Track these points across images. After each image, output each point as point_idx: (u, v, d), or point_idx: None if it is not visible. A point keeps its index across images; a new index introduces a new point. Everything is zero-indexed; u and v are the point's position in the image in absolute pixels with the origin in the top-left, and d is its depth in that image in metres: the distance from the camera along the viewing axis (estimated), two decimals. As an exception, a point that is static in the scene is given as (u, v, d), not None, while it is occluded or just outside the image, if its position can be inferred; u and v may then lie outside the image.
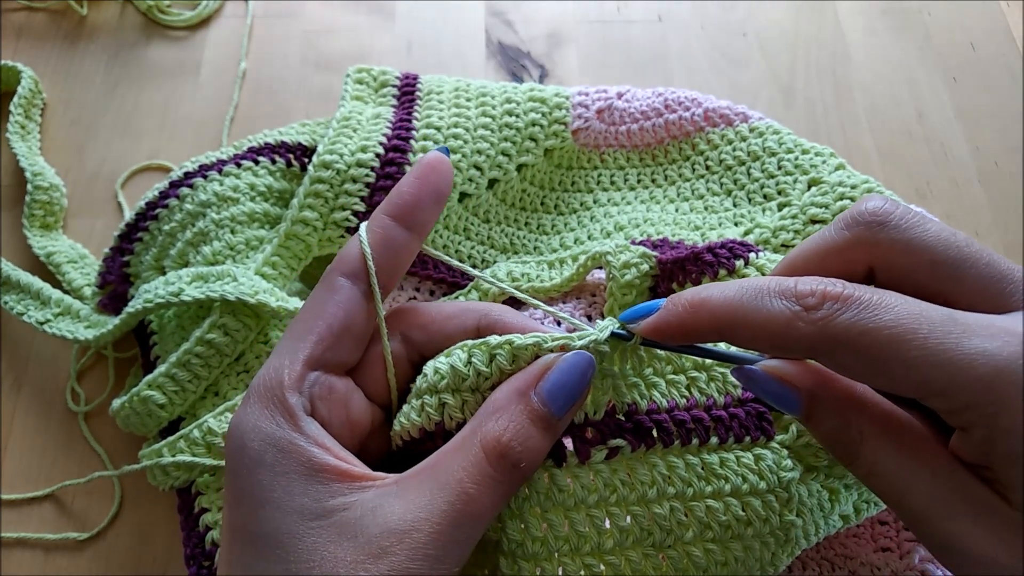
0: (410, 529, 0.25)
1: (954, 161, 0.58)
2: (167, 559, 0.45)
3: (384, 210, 0.32)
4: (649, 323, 0.28)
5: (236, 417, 0.29)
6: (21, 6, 0.65)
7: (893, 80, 0.61)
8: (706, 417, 0.31)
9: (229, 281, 0.43)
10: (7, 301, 0.49)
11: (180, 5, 0.65)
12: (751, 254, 0.41)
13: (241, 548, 0.27)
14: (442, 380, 0.30)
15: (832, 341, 0.24)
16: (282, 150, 0.50)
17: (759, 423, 0.31)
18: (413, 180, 0.32)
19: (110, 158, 0.59)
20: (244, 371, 0.44)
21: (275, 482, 0.27)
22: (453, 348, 0.31)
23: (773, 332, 0.25)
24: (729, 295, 0.26)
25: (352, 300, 0.30)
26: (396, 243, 0.31)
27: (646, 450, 0.30)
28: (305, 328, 0.30)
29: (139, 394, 0.43)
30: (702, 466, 0.30)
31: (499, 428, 0.27)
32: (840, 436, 0.26)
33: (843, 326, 0.24)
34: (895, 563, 0.37)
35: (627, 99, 0.54)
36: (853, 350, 0.24)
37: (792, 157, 0.49)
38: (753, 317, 0.26)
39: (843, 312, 0.24)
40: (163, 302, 0.43)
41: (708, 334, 0.27)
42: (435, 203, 0.32)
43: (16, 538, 0.45)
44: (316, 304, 0.30)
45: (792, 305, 0.25)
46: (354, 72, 0.54)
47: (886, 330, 0.23)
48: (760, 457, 0.31)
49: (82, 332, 0.47)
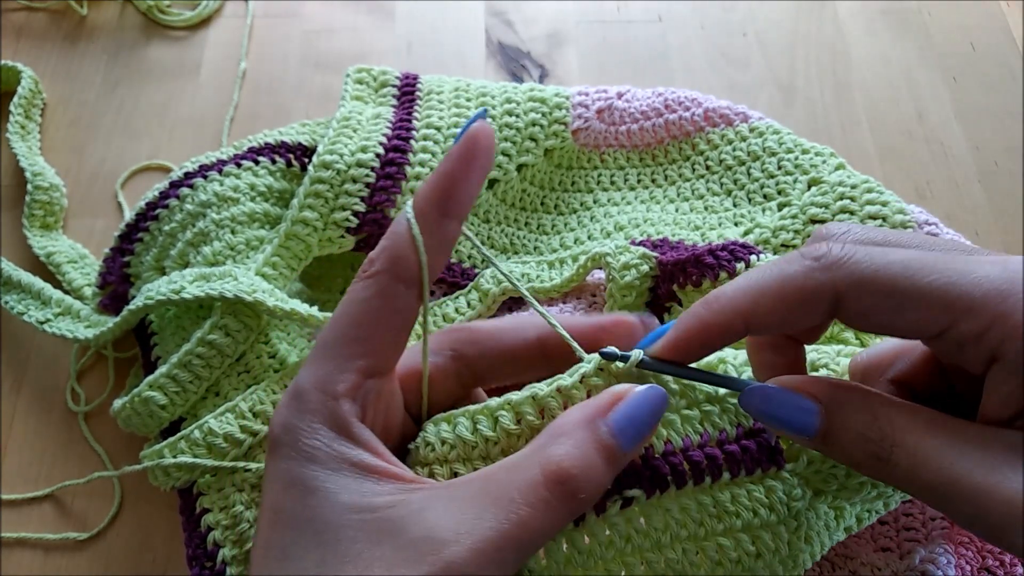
0: (451, 540, 0.24)
1: (954, 161, 0.58)
2: (167, 559, 0.45)
3: (429, 201, 0.29)
4: (669, 337, 0.28)
5: (289, 413, 0.28)
6: (21, 6, 0.65)
7: (893, 80, 0.61)
8: (719, 454, 0.30)
9: (229, 280, 0.43)
10: (7, 301, 0.49)
11: (180, 5, 0.65)
12: (752, 256, 0.40)
13: (282, 531, 0.27)
14: (452, 450, 0.29)
15: (850, 281, 0.24)
16: (282, 150, 0.50)
17: (771, 454, 0.30)
18: (459, 163, 0.29)
19: (110, 158, 0.59)
20: (245, 371, 0.44)
21: (327, 476, 0.26)
22: (455, 414, 0.30)
23: (792, 291, 0.25)
24: (739, 281, 0.26)
25: (409, 309, 0.29)
26: (443, 237, 0.29)
27: (660, 495, 0.29)
28: (363, 334, 0.29)
29: (140, 395, 0.43)
30: (714, 504, 0.29)
31: (562, 452, 0.26)
32: (870, 434, 0.25)
33: (858, 266, 0.25)
34: (895, 563, 0.37)
35: (627, 99, 0.54)
36: (871, 287, 0.24)
37: (792, 157, 0.49)
38: (769, 287, 0.26)
39: (854, 254, 0.25)
40: (164, 299, 0.43)
41: (732, 327, 0.26)
42: (479, 181, 0.30)
43: (16, 538, 0.45)
44: (373, 308, 0.29)
45: (803, 262, 0.25)
46: (354, 72, 0.54)
47: (898, 264, 0.24)
48: (771, 489, 0.30)
49: (82, 331, 0.47)
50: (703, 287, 0.41)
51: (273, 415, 0.29)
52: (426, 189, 0.29)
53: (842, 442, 0.26)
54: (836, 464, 0.30)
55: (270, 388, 0.42)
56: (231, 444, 0.41)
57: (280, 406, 0.29)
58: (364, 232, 0.47)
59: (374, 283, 0.29)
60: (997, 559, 0.38)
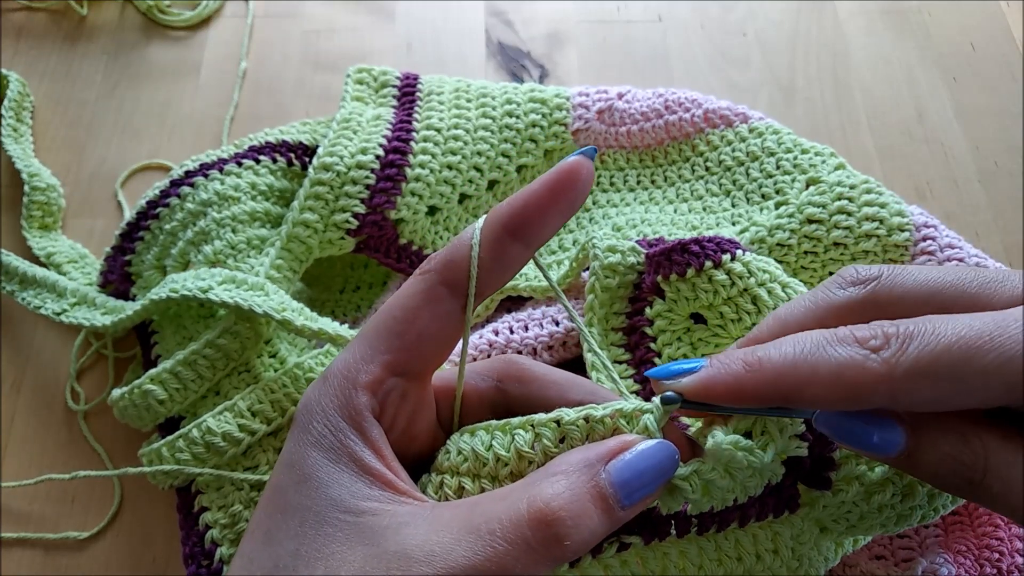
0: (423, 561, 0.23)
1: (954, 161, 0.57)
2: (167, 559, 0.45)
3: (502, 220, 0.28)
4: (698, 380, 0.26)
5: (312, 392, 0.28)
6: (21, 6, 0.65)
7: (893, 80, 0.61)
8: (735, 515, 0.28)
9: (260, 294, 0.43)
10: (24, 297, 0.49)
11: (180, 5, 0.65)
12: (738, 251, 0.40)
13: (272, 512, 0.27)
14: (464, 463, 0.28)
15: (909, 374, 0.23)
16: (283, 149, 0.50)
17: (788, 502, 0.29)
18: (546, 192, 0.28)
19: (110, 158, 0.59)
20: (245, 371, 0.44)
21: (325, 465, 0.27)
22: (480, 427, 0.29)
23: (847, 381, 0.24)
24: (787, 351, 0.25)
25: (451, 315, 0.28)
26: (507, 260, 0.28)
27: (659, 541, 0.27)
28: (397, 328, 0.28)
29: (140, 387, 0.43)
30: (716, 548, 0.28)
31: (552, 492, 0.24)
32: (961, 457, 0.24)
33: (915, 356, 0.23)
34: (893, 571, 0.37)
35: (627, 100, 0.54)
36: (934, 378, 0.23)
37: (791, 157, 0.49)
38: (823, 369, 0.24)
39: (909, 344, 0.23)
40: (191, 295, 0.42)
41: (770, 396, 0.25)
42: (564, 217, 0.28)
43: (16, 538, 0.45)
44: (412, 305, 0.28)
45: (859, 350, 0.24)
46: (354, 72, 0.54)
47: (955, 346, 0.23)
48: (778, 534, 0.29)
49: (99, 319, 0.47)
50: (687, 276, 0.41)
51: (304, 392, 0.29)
52: (505, 206, 0.28)
53: (930, 464, 0.25)
54: (851, 508, 0.29)
55: (269, 388, 0.42)
56: (229, 443, 0.41)
57: (310, 386, 0.29)
58: (364, 233, 0.47)
59: (422, 281, 0.28)
60: (995, 566, 0.38)
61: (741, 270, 0.40)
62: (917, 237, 0.44)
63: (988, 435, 0.25)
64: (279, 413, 0.42)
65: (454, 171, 0.49)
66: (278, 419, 0.42)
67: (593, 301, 0.43)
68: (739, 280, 0.40)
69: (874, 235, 0.44)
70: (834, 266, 0.45)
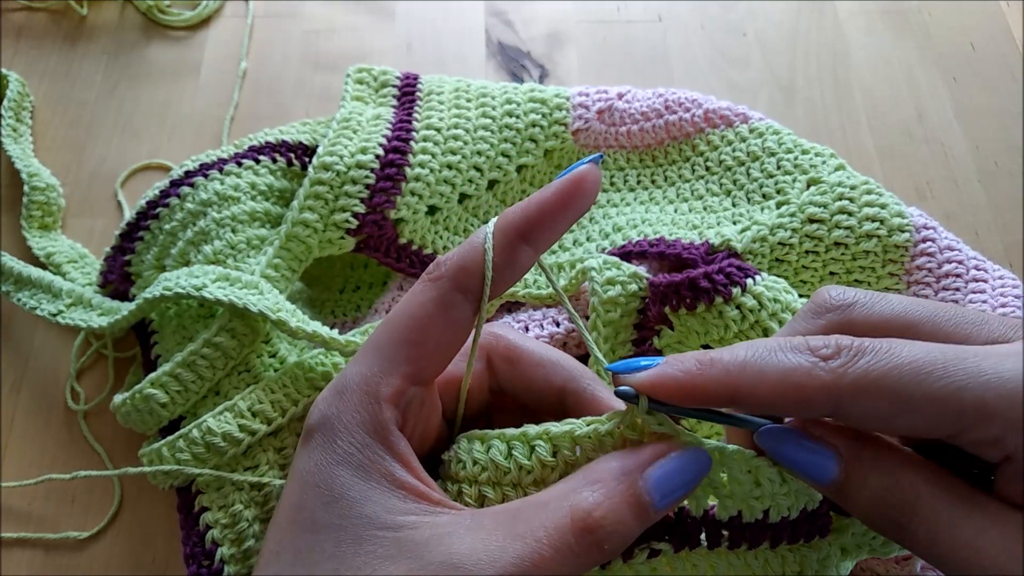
0: (471, 568, 0.24)
1: (954, 161, 0.58)
2: (167, 559, 0.45)
3: (515, 225, 0.29)
4: (649, 376, 0.26)
5: (329, 407, 0.28)
6: (21, 6, 0.65)
7: (893, 80, 0.61)
8: (766, 535, 0.28)
9: (255, 293, 0.43)
10: (19, 298, 0.49)
11: (180, 5, 0.65)
12: (748, 280, 0.40)
13: (299, 532, 0.26)
14: (483, 472, 0.29)
15: (855, 387, 0.24)
16: (283, 149, 0.50)
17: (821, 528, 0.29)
18: (557, 199, 0.29)
19: (110, 158, 0.59)
20: (245, 370, 0.44)
21: (355, 483, 0.26)
22: (492, 435, 0.29)
23: (793, 385, 0.24)
24: (739, 353, 0.25)
25: (463, 320, 0.29)
26: (517, 264, 0.29)
27: (689, 551, 0.28)
28: (413, 338, 0.28)
29: (141, 392, 0.43)
30: (743, 564, 0.28)
31: (594, 501, 0.25)
32: (891, 498, 0.25)
33: (863, 370, 0.24)
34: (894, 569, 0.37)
35: (627, 100, 0.54)
36: (878, 393, 0.23)
37: (792, 157, 0.49)
38: (770, 372, 0.25)
39: (860, 358, 0.24)
40: (184, 293, 0.42)
41: (718, 395, 0.25)
42: (571, 222, 0.29)
43: (16, 538, 0.45)
44: (426, 314, 0.28)
45: (809, 357, 0.24)
46: (354, 72, 0.54)
47: (907, 367, 0.23)
48: (805, 557, 0.29)
49: (95, 320, 0.47)
50: (697, 311, 0.40)
51: (313, 405, 0.28)
52: (516, 211, 0.29)
53: (860, 500, 0.26)
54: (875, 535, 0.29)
55: (269, 388, 0.42)
56: (230, 443, 0.41)
57: (321, 398, 0.28)
58: (364, 233, 0.47)
59: (434, 288, 0.28)
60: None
61: (752, 304, 0.39)
62: (917, 238, 0.44)
63: (921, 479, 0.25)
64: (279, 413, 0.42)
65: (454, 171, 0.49)
66: (278, 419, 0.42)
67: (597, 338, 0.42)
68: (750, 314, 0.39)
69: (875, 235, 0.44)
70: (835, 266, 0.45)
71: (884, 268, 0.45)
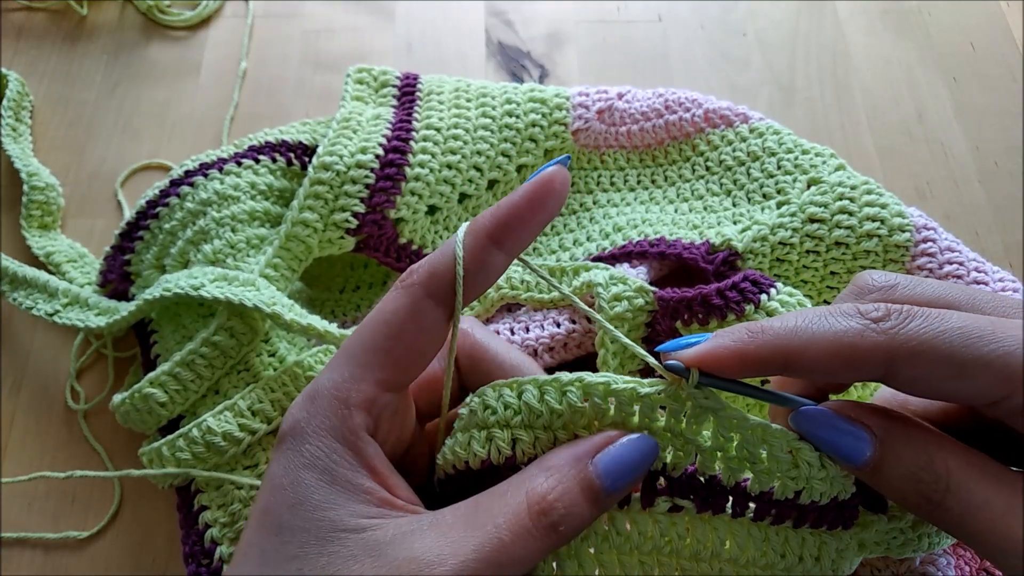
0: (435, 561, 0.25)
1: (954, 161, 0.57)
2: (167, 559, 0.45)
3: (486, 229, 0.29)
4: (702, 350, 0.27)
5: (300, 412, 0.28)
6: (21, 6, 0.65)
7: (893, 80, 0.61)
8: (792, 514, 0.28)
9: (250, 289, 0.43)
10: (15, 298, 0.49)
11: (180, 5, 0.65)
12: (762, 295, 0.39)
13: (265, 534, 0.27)
14: (516, 416, 0.29)
15: (907, 347, 0.24)
16: (283, 149, 0.50)
17: (845, 519, 0.29)
18: (525, 202, 0.29)
19: (110, 158, 0.59)
20: (244, 369, 0.44)
21: (320, 487, 0.27)
22: (523, 381, 0.30)
23: (845, 346, 0.25)
24: (789, 320, 0.26)
25: (436, 325, 0.29)
26: (490, 268, 0.29)
27: (712, 515, 0.29)
28: (385, 345, 0.28)
29: (141, 391, 0.43)
30: (764, 539, 0.29)
31: (548, 486, 0.26)
32: (923, 475, 0.25)
33: (915, 332, 0.24)
34: (894, 565, 0.37)
35: (627, 100, 0.54)
36: (930, 355, 0.24)
37: (792, 157, 0.49)
38: (822, 336, 0.25)
39: (911, 320, 0.24)
40: (182, 293, 0.42)
41: (771, 360, 0.26)
42: (542, 224, 0.29)
43: (16, 538, 0.45)
44: (398, 320, 0.28)
45: (860, 319, 0.25)
46: (354, 72, 0.54)
47: (956, 331, 0.24)
48: (825, 543, 0.29)
49: (93, 320, 0.47)
50: (710, 326, 0.40)
51: (287, 411, 0.29)
52: (486, 216, 0.29)
53: (893, 478, 0.26)
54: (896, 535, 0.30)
55: (268, 387, 0.42)
56: (230, 443, 0.41)
57: (294, 404, 0.29)
58: (364, 233, 0.47)
59: (406, 294, 0.29)
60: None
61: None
62: (918, 238, 0.44)
63: (953, 457, 0.25)
64: (279, 412, 0.42)
65: (454, 171, 0.49)
66: (278, 418, 0.42)
67: (606, 355, 0.42)
68: None
69: (875, 235, 0.44)
70: (836, 265, 0.45)
71: (885, 268, 0.45)
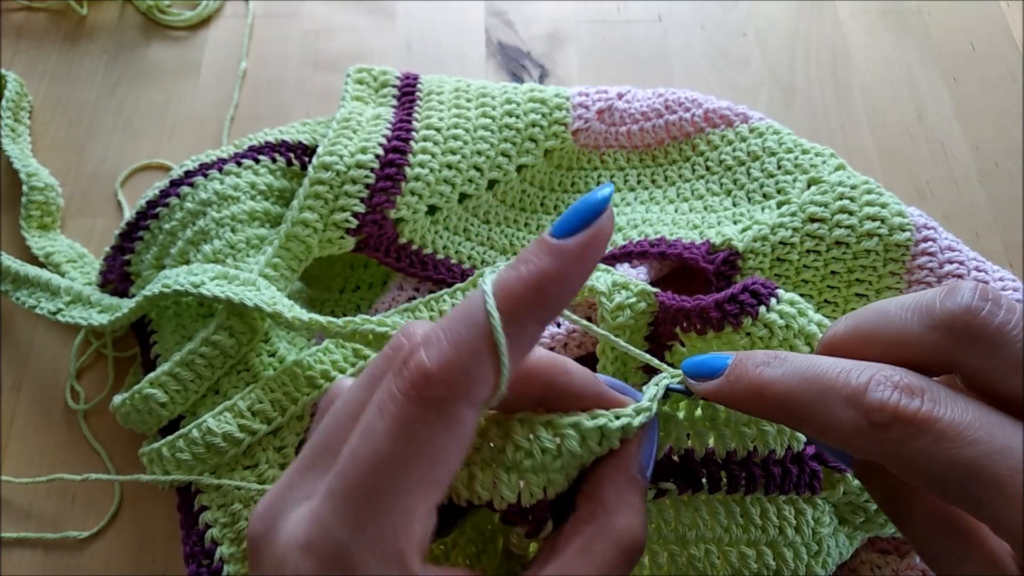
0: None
1: (954, 161, 0.58)
2: (167, 559, 0.45)
3: (526, 300, 0.23)
4: (710, 389, 0.27)
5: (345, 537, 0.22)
6: (21, 6, 0.65)
7: (893, 80, 0.61)
8: (759, 474, 0.30)
9: (251, 289, 0.43)
10: (18, 296, 0.49)
11: (180, 5, 0.65)
12: (761, 307, 0.38)
13: None
14: (555, 460, 0.26)
15: (899, 463, 0.23)
16: (282, 149, 0.50)
17: (809, 481, 0.31)
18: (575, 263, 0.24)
19: (110, 158, 0.59)
20: (244, 369, 0.44)
21: None
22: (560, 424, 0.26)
23: (838, 439, 0.24)
24: (793, 386, 0.24)
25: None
26: (526, 347, 0.24)
27: (692, 494, 0.30)
28: (428, 478, 0.23)
29: (141, 391, 0.43)
30: (742, 514, 0.30)
31: (635, 523, 0.25)
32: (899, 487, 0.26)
33: (915, 453, 0.22)
34: (895, 562, 0.38)
35: (627, 100, 0.54)
36: (923, 477, 0.22)
37: (792, 157, 0.49)
38: (818, 418, 0.24)
39: (916, 439, 0.22)
40: (182, 290, 0.42)
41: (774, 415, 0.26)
42: (586, 280, 0.25)
43: (16, 538, 0.45)
44: (437, 444, 0.23)
45: (860, 418, 0.23)
46: (354, 72, 0.54)
47: (963, 467, 0.21)
48: (801, 512, 0.31)
49: (95, 317, 0.47)
50: (707, 336, 0.40)
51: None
52: (520, 286, 0.23)
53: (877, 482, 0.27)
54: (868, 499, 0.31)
55: (268, 387, 0.42)
56: (230, 443, 0.41)
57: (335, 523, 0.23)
58: (364, 233, 0.47)
59: (438, 416, 0.23)
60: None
61: (763, 333, 0.38)
62: (918, 238, 0.44)
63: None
64: (279, 412, 0.42)
65: (454, 170, 0.49)
66: (278, 418, 0.42)
67: (605, 363, 0.42)
68: (759, 342, 0.39)
69: (876, 234, 0.44)
70: (836, 265, 0.45)
71: (885, 267, 0.44)
